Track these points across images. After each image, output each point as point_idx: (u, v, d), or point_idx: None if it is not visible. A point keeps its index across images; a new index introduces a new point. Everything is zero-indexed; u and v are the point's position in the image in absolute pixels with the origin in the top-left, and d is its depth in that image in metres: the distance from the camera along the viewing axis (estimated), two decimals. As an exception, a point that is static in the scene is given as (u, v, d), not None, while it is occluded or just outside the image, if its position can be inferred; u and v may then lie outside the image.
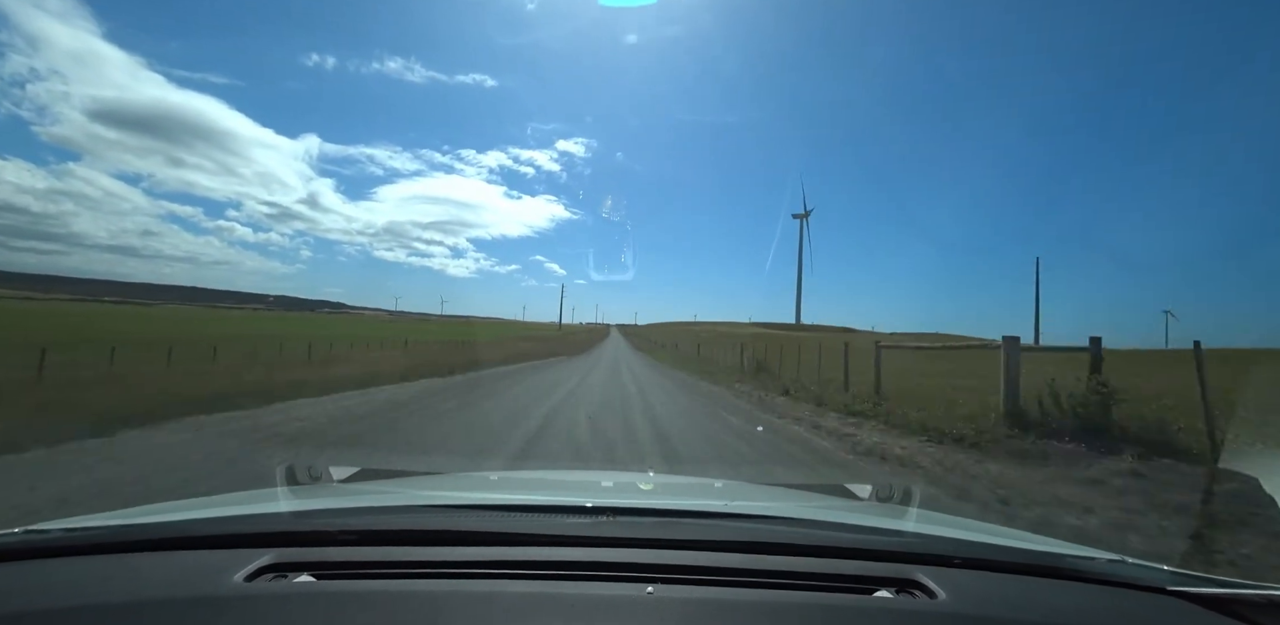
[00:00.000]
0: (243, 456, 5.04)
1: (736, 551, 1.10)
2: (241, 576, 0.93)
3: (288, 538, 1.09)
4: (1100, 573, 1.10)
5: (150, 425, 6.11)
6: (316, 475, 1.85)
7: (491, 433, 6.80)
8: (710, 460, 5.66)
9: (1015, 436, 6.42)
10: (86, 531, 1.09)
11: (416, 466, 4.95)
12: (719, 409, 10.04)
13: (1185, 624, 0.95)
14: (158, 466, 4.55)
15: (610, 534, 1.14)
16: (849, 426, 7.88)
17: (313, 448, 5.42)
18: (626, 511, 1.26)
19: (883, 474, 5.32)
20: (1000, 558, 1.13)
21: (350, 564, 1.02)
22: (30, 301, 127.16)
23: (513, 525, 1.18)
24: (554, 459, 5.47)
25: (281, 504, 1.35)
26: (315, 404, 8.53)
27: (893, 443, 6.68)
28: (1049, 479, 4.97)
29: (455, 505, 1.34)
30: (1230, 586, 1.00)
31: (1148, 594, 1.04)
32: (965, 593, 0.97)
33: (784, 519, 1.34)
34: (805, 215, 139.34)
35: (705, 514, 1.35)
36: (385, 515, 1.27)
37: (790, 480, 4.90)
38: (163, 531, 1.11)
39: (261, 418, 7.02)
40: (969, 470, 5.35)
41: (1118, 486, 4.68)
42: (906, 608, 0.94)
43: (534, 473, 3.61)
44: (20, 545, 1.03)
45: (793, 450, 6.36)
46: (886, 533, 1.27)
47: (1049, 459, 5.64)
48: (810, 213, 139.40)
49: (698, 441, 6.71)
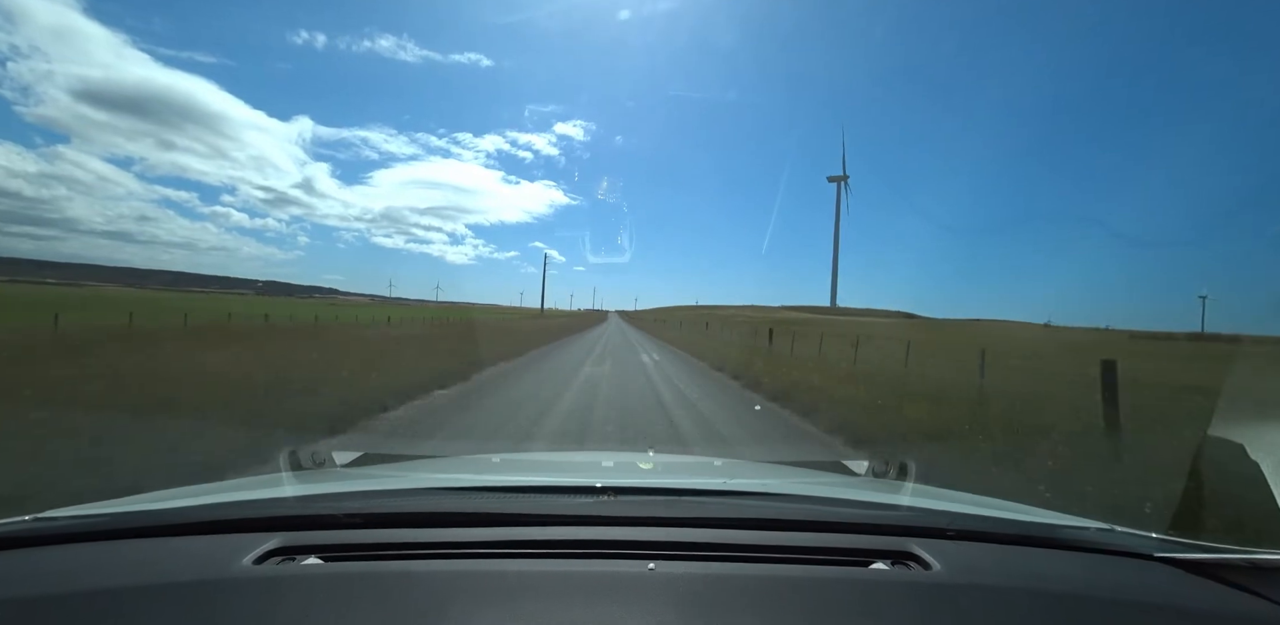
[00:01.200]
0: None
1: (736, 528, 1.12)
2: (249, 560, 0.95)
3: (294, 522, 1.11)
4: (1091, 541, 1.13)
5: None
6: (320, 460, 1.87)
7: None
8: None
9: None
10: (94, 518, 1.10)
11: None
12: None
13: (1172, 588, 0.98)
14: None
15: (611, 513, 1.16)
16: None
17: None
18: (627, 490, 1.28)
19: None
20: (993, 529, 1.16)
21: (356, 546, 1.04)
22: (15, 285, 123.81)
23: (515, 506, 1.20)
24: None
25: (286, 489, 1.37)
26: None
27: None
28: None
29: (458, 487, 1.36)
30: (1215, 551, 1.03)
31: (1137, 560, 1.08)
32: (959, 563, 1.00)
33: (782, 495, 1.37)
34: (843, 179, 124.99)
35: (705, 492, 1.38)
36: (389, 498, 1.29)
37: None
38: (169, 517, 1.13)
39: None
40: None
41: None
42: (902, 579, 0.97)
43: (536, 454, 3.66)
44: (29, 532, 1.05)
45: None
46: (882, 507, 1.29)
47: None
48: (848, 178, 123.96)
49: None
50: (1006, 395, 8.09)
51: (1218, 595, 0.96)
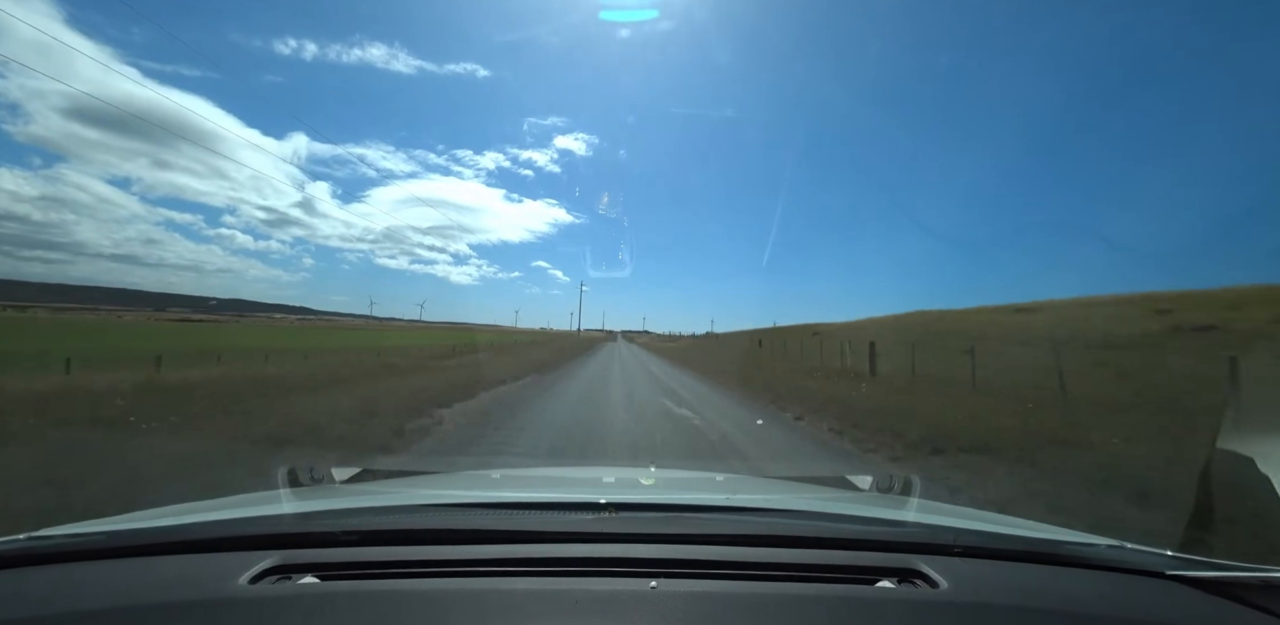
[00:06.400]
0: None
1: (739, 545, 1.11)
2: (246, 579, 0.94)
3: (291, 539, 1.10)
4: (1100, 558, 1.11)
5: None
6: (319, 477, 1.86)
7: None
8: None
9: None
10: (90, 537, 1.09)
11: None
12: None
13: (1184, 607, 0.96)
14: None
15: (613, 529, 1.14)
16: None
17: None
18: (629, 507, 1.27)
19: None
20: (1000, 546, 1.14)
21: (354, 564, 1.02)
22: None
23: (515, 522, 1.18)
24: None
25: (284, 506, 1.36)
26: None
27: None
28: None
29: (457, 504, 1.34)
30: (1228, 569, 1.02)
31: (1147, 579, 1.05)
32: (966, 581, 0.98)
33: (785, 511, 1.35)
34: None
35: (707, 508, 1.36)
36: (387, 515, 1.27)
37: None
38: (166, 535, 1.12)
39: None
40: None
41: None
42: (908, 597, 0.95)
43: (536, 470, 3.62)
44: (24, 551, 1.04)
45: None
46: (888, 523, 1.28)
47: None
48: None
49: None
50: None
51: (1231, 614, 0.94)
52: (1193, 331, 12.47)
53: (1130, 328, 18.81)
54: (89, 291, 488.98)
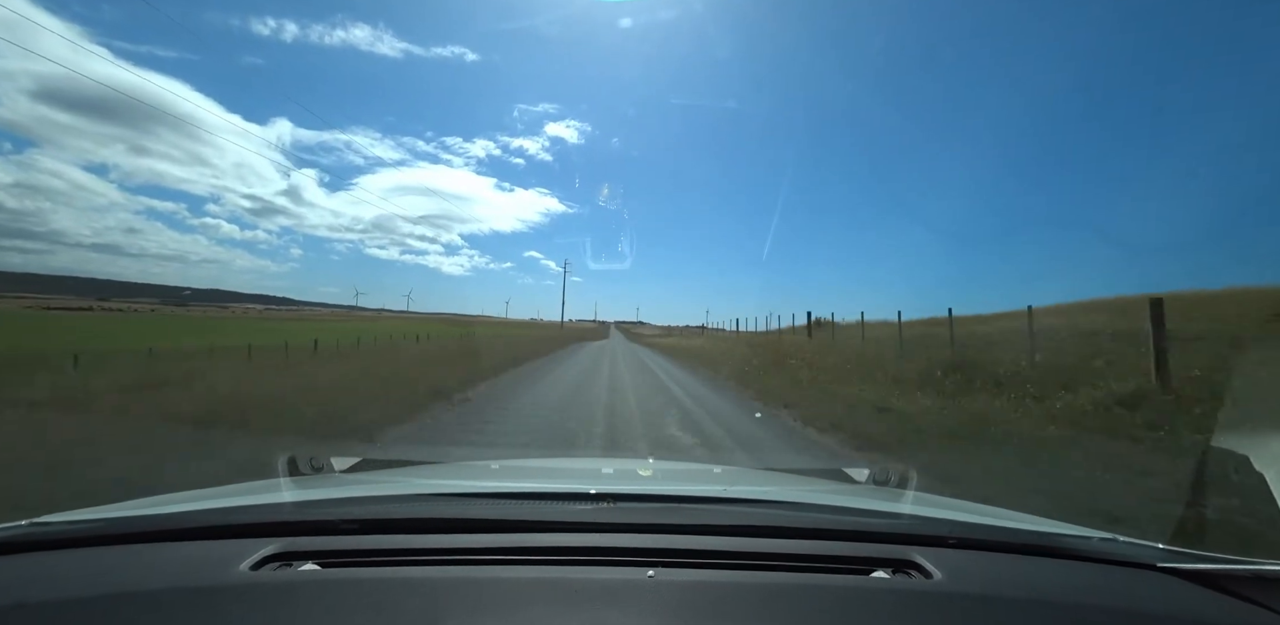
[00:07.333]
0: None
1: (736, 535, 1.12)
2: (246, 566, 0.94)
3: (291, 527, 1.10)
4: (1093, 551, 1.12)
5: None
6: (318, 466, 1.87)
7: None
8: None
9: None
10: (91, 523, 1.10)
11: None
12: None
13: (1175, 599, 0.97)
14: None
15: (611, 520, 1.15)
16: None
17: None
18: (627, 497, 1.28)
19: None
20: (995, 538, 1.15)
21: (354, 552, 1.03)
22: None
23: (514, 512, 1.19)
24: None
25: (284, 494, 1.37)
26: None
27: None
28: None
29: (457, 493, 1.35)
30: (1219, 562, 1.02)
31: (1140, 571, 1.07)
32: (961, 572, 0.99)
33: (782, 503, 1.36)
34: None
35: (705, 499, 1.37)
36: (387, 504, 1.28)
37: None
38: (166, 523, 1.12)
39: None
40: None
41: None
42: (903, 588, 0.96)
43: (535, 461, 3.64)
44: (25, 537, 1.04)
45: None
46: (883, 515, 1.29)
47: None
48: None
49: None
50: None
51: (1222, 607, 0.95)
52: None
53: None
54: (56, 281, 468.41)
